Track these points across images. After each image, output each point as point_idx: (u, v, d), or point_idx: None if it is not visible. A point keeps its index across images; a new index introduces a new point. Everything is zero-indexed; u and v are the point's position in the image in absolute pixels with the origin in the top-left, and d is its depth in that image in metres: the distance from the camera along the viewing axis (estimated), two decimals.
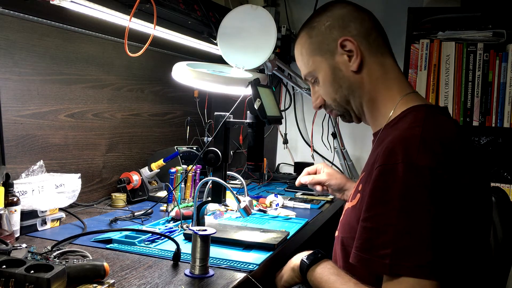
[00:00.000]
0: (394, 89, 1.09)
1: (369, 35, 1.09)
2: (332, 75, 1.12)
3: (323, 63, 1.13)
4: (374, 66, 1.09)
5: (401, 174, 0.89)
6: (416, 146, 0.90)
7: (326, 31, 1.11)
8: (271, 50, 1.81)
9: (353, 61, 1.08)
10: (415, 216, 0.88)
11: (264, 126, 1.41)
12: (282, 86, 2.70)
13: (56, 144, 1.67)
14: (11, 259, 0.92)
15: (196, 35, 1.97)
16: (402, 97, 1.07)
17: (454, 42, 2.11)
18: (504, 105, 2.07)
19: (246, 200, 1.39)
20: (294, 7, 2.70)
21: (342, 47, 1.09)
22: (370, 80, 1.09)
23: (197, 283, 1.06)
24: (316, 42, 1.13)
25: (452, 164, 0.92)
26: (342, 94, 1.13)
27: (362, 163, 2.58)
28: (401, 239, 0.88)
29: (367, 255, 0.92)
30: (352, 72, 1.09)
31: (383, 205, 0.91)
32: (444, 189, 0.89)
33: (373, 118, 1.13)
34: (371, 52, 1.09)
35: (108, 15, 1.49)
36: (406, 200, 0.88)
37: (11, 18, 1.46)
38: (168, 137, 2.39)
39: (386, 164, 0.92)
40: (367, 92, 1.10)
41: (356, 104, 1.13)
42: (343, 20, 1.09)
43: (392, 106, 1.07)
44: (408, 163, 0.89)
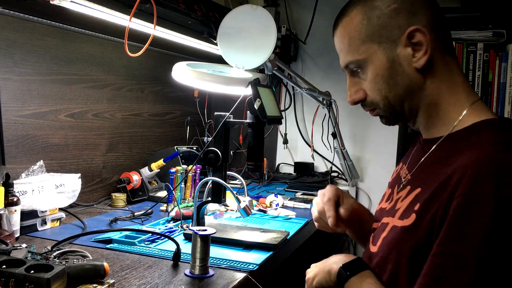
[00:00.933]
0: (461, 95, 0.93)
1: (438, 28, 0.91)
2: (390, 69, 0.92)
3: (380, 54, 0.93)
4: (440, 66, 0.92)
5: (490, 210, 0.76)
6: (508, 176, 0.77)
7: (391, 14, 0.91)
8: (271, 50, 1.81)
9: (419, 57, 0.90)
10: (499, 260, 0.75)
11: (264, 126, 1.41)
12: (282, 86, 2.70)
13: (56, 144, 1.67)
14: (11, 259, 0.92)
15: (196, 35, 1.97)
16: (470, 106, 0.91)
17: (454, 42, 2.11)
18: (504, 105, 2.06)
19: (246, 200, 1.39)
20: (294, 7, 2.70)
21: (409, 38, 0.90)
22: (434, 82, 0.92)
23: (197, 283, 1.06)
24: (375, 26, 0.92)
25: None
26: (397, 93, 0.94)
27: (362, 163, 2.58)
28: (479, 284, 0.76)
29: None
30: (415, 69, 0.91)
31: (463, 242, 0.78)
32: None
33: (430, 125, 0.96)
34: (439, 49, 0.91)
35: (108, 15, 1.49)
36: (492, 240, 0.76)
37: (11, 18, 1.46)
38: (168, 137, 2.39)
39: (472, 194, 0.78)
40: (428, 95, 0.93)
41: (412, 107, 0.95)
42: (413, 5, 0.91)
43: (458, 114, 0.92)
44: (499, 197, 0.76)
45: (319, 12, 2.59)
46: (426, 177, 0.90)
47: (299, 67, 2.69)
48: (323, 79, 2.62)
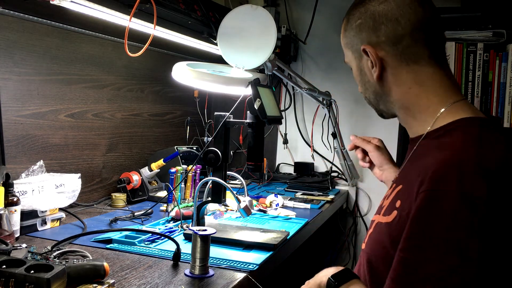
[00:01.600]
0: (433, 99, 0.97)
1: (399, 42, 0.96)
2: (360, 75, 1.05)
3: (354, 61, 1.05)
4: (404, 76, 0.97)
5: (452, 205, 0.79)
6: (471, 172, 0.80)
7: (356, 29, 1.01)
8: (271, 50, 1.81)
9: (373, 70, 1.00)
10: (462, 253, 0.78)
11: (264, 126, 1.41)
12: (282, 86, 2.70)
13: (56, 144, 1.67)
14: (11, 259, 0.92)
15: (196, 35, 1.97)
16: (448, 106, 0.95)
17: (454, 42, 2.11)
18: (504, 105, 2.06)
19: (246, 200, 1.39)
20: (294, 7, 2.70)
21: (365, 54, 1.00)
22: (400, 90, 0.99)
23: (197, 283, 1.06)
24: (348, 37, 1.04)
25: (508, 194, 0.81)
26: (370, 96, 1.06)
27: None
28: (444, 278, 0.78)
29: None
30: (376, 79, 1.00)
31: (427, 237, 0.81)
32: (500, 224, 0.79)
33: (409, 125, 1.02)
34: (400, 61, 0.97)
35: (108, 15, 1.49)
36: (454, 235, 0.78)
37: (11, 18, 1.46)
38: (168, 137, 2.39)
39: (435, 190, 0.81)
40: (396, 101, 1.01)
41: (388, 108, 1.04)
42: (374, 21, 0.97)
43: (432, 117, 0.96)
44: (461, 192, 0.79)
45: (319, 12, 2.59)
46: (406, 175, 0.95)
47: (299, 67, 2.69)
48: (323, 79, 2.62)
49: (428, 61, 0.97)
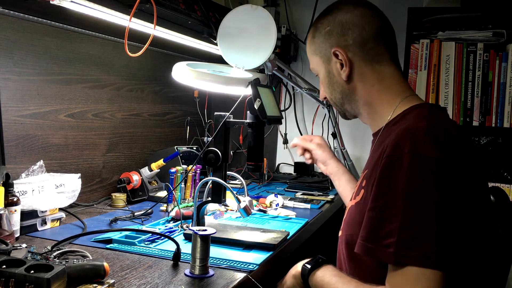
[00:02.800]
0: (392, 94, 1.12)
1: (365, 44, 1.10)
2: (328, 78, 1.17)
3: (321, 65, 1.18)
4: (368, 75, 1.12)
5: (407, 164, 0.90)
6: (422, 137, 0.93)
7: (325, 35, 1.14)
8: (271, 50, 1.81)
9: (343, 71, 1.12)
10: (421, 205, 0.89)
11: (264, 126, 1.41)
12: (282, 86, 2.70)
13: (56, 144, 1.67)
14: (11, 259, 0.92)
15: (196, 35, 1.97)
16: (402, 100, 1.10)
17: (454, 42, 2.11)
18: (504, 105, 2.06)
19: (246, 200, 1.39)
20: (294, 7, 2.70)
21: (335, 56, 1.12)
22: (364, 87, 1.12)
23: (197, 283, 1.06)
24: (316, 43, 1.17)
25: (457, 156, 0.94)
26: (336, 96, 1.18)
27: (362, 163, 2.58)
28: (407, 228, 0.88)
29: (372, 245, 0.93)
30: (344, 80, 1.13)
31: (389, 195, 0.92)
32: (450, 180, 0.90)
33: (371, 120, 1.16)
34: (366, 61, 1.11)
35: (108, 15, 1.49)
36: (412, 190, 0.89)
37: (11, 18, 1.46)
38: (168, 137, 2.39)
39: (393, 154, 0.93)
40: (361, 98, 1.14)
41: (352, 106, 1.17)
42: (342, 28, 1.11)
43: (391, 108, 1.10)
44: (414, 153, 0.91)
45: (319, 12, 2.58)
46: (370, 161, 1.09)
47: (299, 67, 2.69)
48: None
49: (388, 61, 1.12)
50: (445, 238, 0.88)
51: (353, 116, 1.22)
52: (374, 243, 0.92)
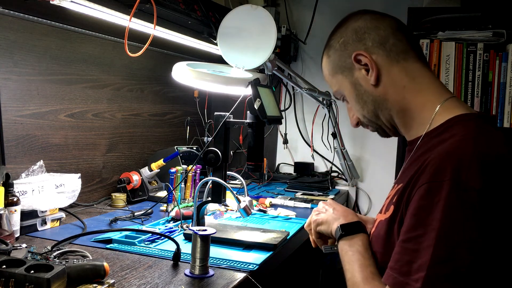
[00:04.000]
0: (429, 95, 1.01)
1: (385, 42, 1.02)
2: (355, 91, 1.07)
3: (345, 81, 1.08)
4: (397, 75, 1.02)
5: (446, 194, 0.82)
6: (467, 163, 0.84)
7: (341, 48, 1.07)
8: (271, 50, 1.81)
9: (370, 75, 1.03)
10: (455, 241, 0.81)
11: (264, 126, 1.41)
12: (282, 86, 2.70)
13: (56, 144, 1.67)
14: (11, 259, 0.92)
15: (196, 35, 1.97)
16: (442, 103, 0.99)
17: (454, 42, 2.11)
18: (504, 105, 2.06)
19: (246, 200, 1.39)
20: (294, 7, 2.70)
21: (358, 62, 1.04)
22: (396, 90, 1.02)
23: (197, 283, 1.06)
24: (334, 61, 1.09)
25: (505, 185, 0.84)
26: (369, 109, 1.07)
27: (362, 163, 2.58)
28: (438, 263, 0.82)
29: (403, 278, 0.86)
30: (373, 86, 1.03)
31: (425, 226, 0.84)
32: (494, 212, 0.82)
33: (408, 127, 1.05)
34: (391, 60, 1.02)
35: (108, 15, 1.49)
36: (449, 223, 0.82)
37: (11, 18, 1.46)
38: (168, 137, 2.39)
39: (433, 181, 0.85)
40: (395, 103, 1.03)
41: (386, 117, 1.06)
42: (357, 34, 1.05)
43: (430, 114, 0.99)
44: (456, 181, 0.82)
45: (319, 12, 2.59)
46: (406, 175, 0.97)
47: (299, 67, 2.69)
48: (323, 79, 2.57)
49: (414, 57, 1.03)
50: (477, 277, 0.81)
51: (393, 131, 1.09)
52: (404, 277, 0.86)
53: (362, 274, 1.00)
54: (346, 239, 1.10)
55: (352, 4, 2.68)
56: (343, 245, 1.10)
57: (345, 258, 1.07)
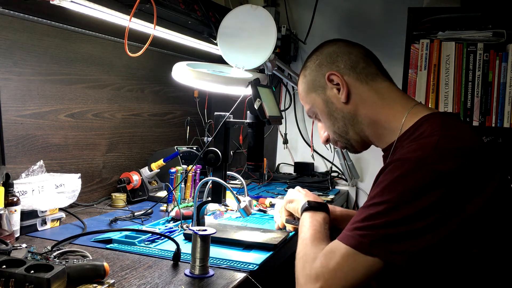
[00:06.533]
0: (397, 107, 1.11)
1: (356, 66, 1.14)
2: (327, 108, 1.17)
3: (317, 99, 1.19)
4: (366, 93, 1.13)
5: (409, 168, 0.92)
6: (431, 151, 0.93)
7: (316, 68, 1.18)
8: (271, 50, 1.81)
9: (341, 93, 1.13)
10: (409, 212, 0.90)
11: (264, 126, 1.41)
12: (282, 86, 2.70)
13: (56, 144, 1.67)
14: (11, 259, 0.92)
15: (196, 35, 1.97)
16: (409, 110, 1.09)
17: (454, 42, 2.11)
18: (504, 105, 2.06)
19: (246, 200, 1.40)
20: (294, 7, 2.70)
21: (330, 81, 1.14)
22: (365, 106, 1.13)
23: (197, 283, 1.06)
24: (309, 80, 1.20)
25: (471, 171, 0.93)
26: (339, 125, 1.17)
27: (362, 163, 2.58)
28: (387, 226, 0.91)
29: (349, 232, 0.96)
30: (343, 103, 1.14)
31: (382, 195, 0.93)
32: (455, 196, 0.90)
33: (380, 137, 1.14)
34: (360, 81, 1.13)
35: (108, 15, 1.49)
36: (406, 193, 0.91)
37: (11, 18, 1.46)
38: (168, 137, 2.39)
39: (397, 161, 0.95)
40: (364, 117, 1.13)
41: (357, 130, 1.16)
42: (331, 57, 1.16)
43: (399, 122, 1.09)
44: (420, 162, 0.92)
45: (319, 12, 2.59)
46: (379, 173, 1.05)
47: (299, 67, 2.66)
48: None
49: (381, 78, 1.15)
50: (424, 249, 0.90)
51: (361, 145, 1.20)
52: (351, 231, 0.96)
53: (313, 236, 1.11)
54: (310, 211, 1.24)
55: (352, 4, 2.70)
56: (305, 215, 1.23)
57: (303, 224, 1.20)
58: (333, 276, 0.94)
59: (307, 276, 0.98)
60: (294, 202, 1.38)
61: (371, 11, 2.60)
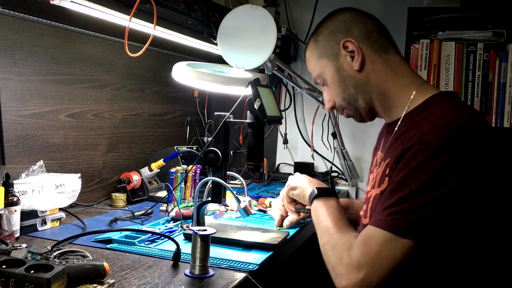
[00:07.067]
0: (406, 81, 1.13)
1: (371, 36, 1.14)
2: (338, 75, 1.17)
3: (329, 65, 1.18)
4: (378, 64, 1.13)
5: (433, 150, 0.93)
6: (451, 131, 0.95)
7: (330, 35, 1.17)
8: (271, 50, 1.81)
9: (355, 60, 1.13)
10: (438, 195, 0.92)
11: (264, 126, 1.41)
12: (282, 86, 2.70)
13: (56, 144, 1.67)
14: (11, 259, 0.92)
15: (196, 35, 1.97)
16: (418, 88, 1.11)
17: (454, 42, 2.11)
18: (504, 105, 2.06)
19: (246, 200, 1.40)
20: (294, 7, 2.70)
21: (345, 48, 1.14)
22: (377, 76, 1.13)
23: (197, 283, 1.06)
24: (321, 46, 1.19)
25: (483, 147, 0.96)
26: (349, 92, 1.17)
27: (362, 163, 2.58)
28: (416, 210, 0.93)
29: (380, 217, 0.98)
30: (356, 71, 1.14)
31: (411, 179, 0.95)
32: (477, 175, 0.94)
33: (387, 110, 1.15)
34: (374, 51, 1.14)
35: (108, 15, 1.49)
36: (432, 177, 0.93)
37: (11, 18, 1.46)
38: (168, 137, 2.39)
39: (422, 143, 0.96)
40: (375, 87, 1.14)
41: (366, 99, 1.16)
42: (346, 24, 1.16)
43: (408, 97, 1.11)
44: (443, 143, 0.93)
45: (319, 12, 2.59)
46: (392, 150, 1.08)
47: (299, 67, 2.69)
48: None
49: (394, 51, 1.16)
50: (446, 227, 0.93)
51: (368, 115, 1.20)
52: (383, 216, 0.97)
53: (336, 224, 1.12)
54: (321, 199, 1.23)
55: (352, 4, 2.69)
56: (318, 203, 1.22)
57: (319, 213, 1.19)
58: (376, 263, 0.95)
59: (348, 266, 0.98)
60: (298, 189, 1.38)
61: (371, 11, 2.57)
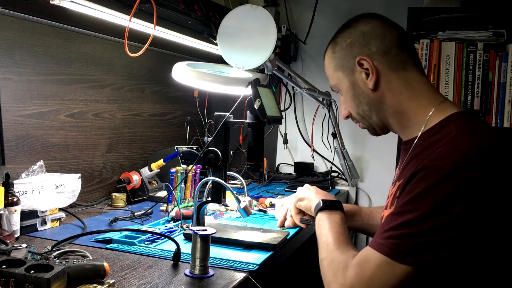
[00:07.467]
0: (423, 101, 1.09)
1: (389, 51, 1.09)
2: (353, 90, 1.14)
3: (344, 79, 1.15)
4: (394, 82, 1.09)
5: (442, 176, 0.90)
6: (463, 156, 0.91)
7: (347, 48, 1.13)
8: (271, 50, 1.81)
9: (369, 79, 1.10)
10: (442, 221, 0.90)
11: (264, 126, 1.41)
12: (282, 86, 2.70)
13: (56, 144, 1.67)
14: (11, 259, 0.92)
15: (196, 35, 1.97)
16: (436, 107, 1.06)
17: (454, 42, 2.11)
18: (504, 105, 2.06)
19: (246, 200, 1.39)
20: (294, 7, 2.70)
21: (360, 66, 1.11)
22: (392, 95, 1.10)
23: (197, 283, 1.06)
24: (338, 58, 1.15)
25: (499, 172, 0.92)
26: (363, 108, 1.14)
27: (362, 163, 2.58)
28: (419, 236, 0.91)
29: (381, 240, 0.95)
30: (370, 89, 1.11)
31: (415, 204, 0.93)
32: (490, 201, 0.91)
33: (403, 128, 1.12)
34: (390, 68, 1.09)
35: (108, 15, 1.49)
36: (439, 204, 0.90)
37: (11, 18, 1.46)
38: (168, 137, 2.39)
39: (430, 166, 0.93)
40: (390, 106, 1.11)
41: (380, 117, 1.13)
42: (364, 37, 1.11)
43: (425, 117, 1.07)
44: (453, 169, 0.90)
45: (319, 12, 2.59)
46: (406, 171, 1.05)
47: (299, 67, 2.69)
48: (323, 79, 2.60)
49: (413, 68, 1.11)
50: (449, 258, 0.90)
51: (382, 130, 1.17)
52: (384, 239, 0.95)
53: (337, 240, 1.11)
54: (326, 212, 1.23)
55: (352, 4, 2.69)
56: (321, 216, 1.22)
57: (321, 226, 1.19)
58: (369, 285, 0.94)
59: (342, 286, 0.98)
60: (306, 200, 1.39)
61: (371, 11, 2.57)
